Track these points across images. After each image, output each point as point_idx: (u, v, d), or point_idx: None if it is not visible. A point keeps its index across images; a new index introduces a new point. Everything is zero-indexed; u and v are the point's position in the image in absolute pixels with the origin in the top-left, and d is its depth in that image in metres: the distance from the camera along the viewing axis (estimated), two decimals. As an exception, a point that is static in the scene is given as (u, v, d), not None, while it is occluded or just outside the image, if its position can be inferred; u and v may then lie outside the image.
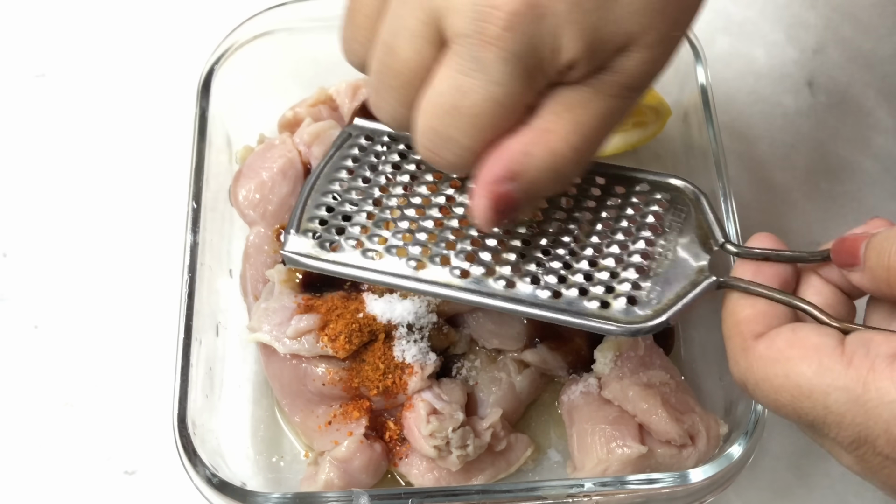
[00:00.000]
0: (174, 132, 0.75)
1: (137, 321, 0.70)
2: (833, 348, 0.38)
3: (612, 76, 0.41)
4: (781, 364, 0.39)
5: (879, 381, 0.36)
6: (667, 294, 0.45)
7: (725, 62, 0.81)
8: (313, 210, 0.49)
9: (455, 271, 0.47)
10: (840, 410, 0.37)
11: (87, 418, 0.67)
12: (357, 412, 0.59)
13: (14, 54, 0.83)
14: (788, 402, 0.39)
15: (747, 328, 0.41)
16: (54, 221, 0.75)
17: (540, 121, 0.41)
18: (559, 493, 0.54)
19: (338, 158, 0.51)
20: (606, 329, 0.45)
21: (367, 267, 0.47)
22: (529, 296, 0.45)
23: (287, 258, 0.48)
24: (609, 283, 0.45)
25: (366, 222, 0.48)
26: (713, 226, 0.46)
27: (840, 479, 0.65)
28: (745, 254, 0.43)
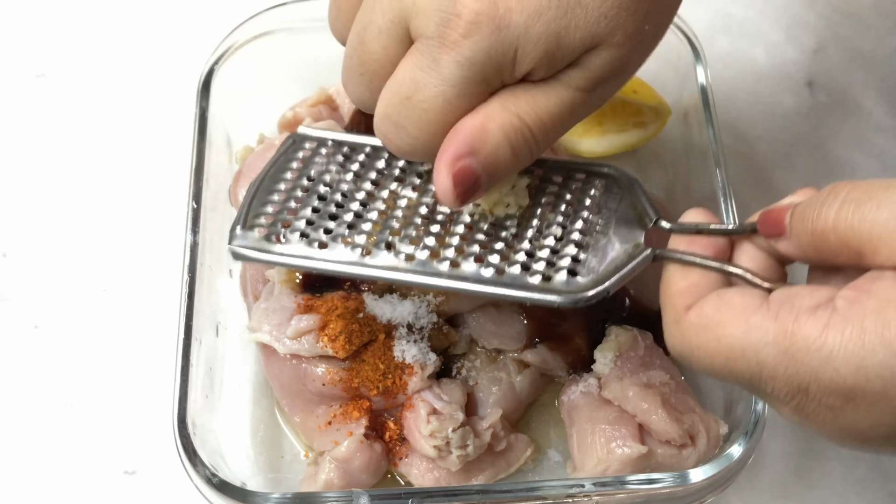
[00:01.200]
0: (174, 132, 0.75)
1: (137, 321, 0.70)
2: (758, 307, 0.39)
3: (581, 72, 0.43)
4: (712, 329, 0.40)
5: (804, 331, 0.37)
6: (606, 267, 0.46)
7: (725, 62, 0.82)
8: (259, 208, 0.50)
9: (400, 255, 0.48)
10: (772, 364, 0.38)
11: (87, 418, 0.67)
12: (357, 412, 0.59)
13: (14, 54, 0.83)
14: (724, 365, 0.39)
15: (680, 301, 0.42)
16: (54, 221, 0.75)
17: (498, 100, 0.43)
18: (559, 493, 0.54)
19: (283, 162, 0.53)
20: (549, 300, 0.46)
21: (312, 256, 0.49)
22: (474, 275, 0.47)
23: (234, 253, 0.49)
24: (550, 258, 0.47)
25: (311, 216, 0.50)
26: (647, 205, 0.48)
27: (840, 479, 0.65)
28: (678, 229, 0.45)
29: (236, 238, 0.49)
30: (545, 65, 0.42)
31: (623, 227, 0.48)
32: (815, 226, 0.38)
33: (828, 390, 0.37)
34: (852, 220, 0.37)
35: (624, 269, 0.46)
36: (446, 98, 0.42)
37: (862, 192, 0.37)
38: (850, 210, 0.37)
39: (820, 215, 0.38)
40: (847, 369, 0.35)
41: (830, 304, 0.37)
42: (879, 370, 0.35)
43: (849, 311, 0.36)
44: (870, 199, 0.37)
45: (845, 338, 0.36)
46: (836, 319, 0.36)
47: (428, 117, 0.43)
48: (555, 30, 0.41)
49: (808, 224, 0.39)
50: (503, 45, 0.41)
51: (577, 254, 0.47)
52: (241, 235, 0.49)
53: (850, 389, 0.36)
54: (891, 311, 0.35)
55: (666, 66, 0.70)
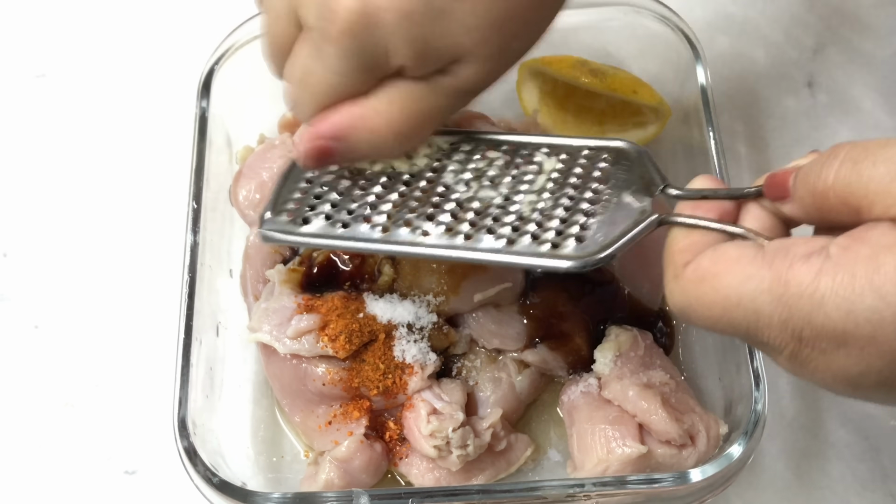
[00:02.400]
0: (174, 132, 0.75)
1: (138, 321, 0.70)
2: (753, 256, 0.39)
3: (449, 79, 0.47)
4: (708, 281, 0.40)
5: (798, 277, 0.37)
6: (612, 233, 0.47)
7: (725, 62, 0.81)
8: (286, 194, 0.53)
9: (417, 231, 0.50)
10: (768, 311, 0.38)
11: (88, 418, 0.67)
12: (357, 412, 0.59)
13: (14, 54, 0.83)
14: (722, 316, 0.40)
15: (679, 258, 0.43)
16: (54, 221, 0.75)
17: (375, 101, 0.47)
18: (559, 493, 0.54)
19: None
20: (557, 266, 0.47)
21: (335, 235, 0.51)
22: (487, 246, 0.49)
23: (265, 236, 0.52)
24: (559, 228, 0.48)
25: (335, 199, 0.52)
26: (654, 174, 0.49)
27: (840, 479, 0.65)
28: (685, 195, 0.46)
29: (266, 223, 0.52)
30: (417, 63, 0.46)
31: (631, 195, 0.49)
32: (815, 186, 0.39)
33: (820, 335, 0.37)
34: (850, 178, 0.38)
35: (630, 233, 0.47)
36: (331, 83, 0.47)
37: (860, 151, 0.38)
38: (848, 168, 0.38)
39: (820, 175, 0.39)
40: (838, 314, 0.36)
41: (824, 251, 0.37)
42: (868, 314, 0.35)
43: (841, 257, 0.37)
44: (867, 156, 0.38)
45: (836, 283, 0.36)
46: (829, 265, 0.37)
47: (319, 99, 0.48)
48: (422, 34, 0.45)
49: (809, 185, 0.40)
50: (376, 41, 0.45)
51: (585, 221, 0.48)
52: (271, 220, 0.52)
53: (841, 334, 0.36)
54: (882, 257, 0.35)
55: (666, 66, 0.70)
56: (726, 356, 0.60)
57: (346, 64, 0.46)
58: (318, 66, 0.47)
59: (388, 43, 0.45)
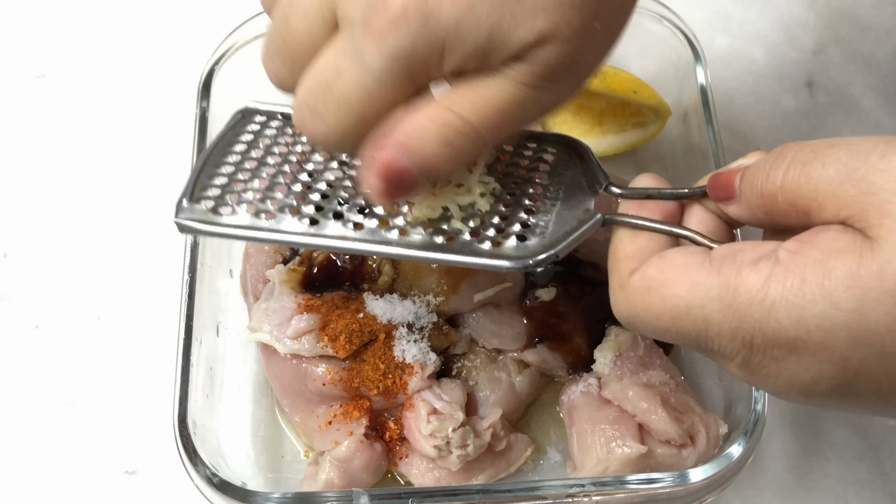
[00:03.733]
0: (174, 132, 0.75)
1: (138, 321, 0.70)
2: (701, 264, 0.38)
3: (526, 65, 0.40)
4: (655, 290, 0.39)
5: (747, 283, 0.36)
6: (556, 232, 0.46)
7: (725, 62, 0.82)
8: (206, 181, 0.49)
9: (349, 224, 0.47)
10: (717, 320, 0.37)
11: (88, 418, 0.67)
12: (357, 412, 0.59)
13: (14, 54, 0.83)
14: (670, 325, 0.39)
15: (625, 266, 0.42)
16: (54, 221, 0.75)
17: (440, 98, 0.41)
18: (559, 493, 0.54)
19: (231, 136, 0.52)
20: (499, 265, 0.46)
21: (260, 227, 0.47)
22: (424, 242, 0.46)
23: (180, 225, 0.48)
24: (500, 225, 0.47)
25: (260, 188, 0.49)
26: (597, 171, 0.48)
27: (840, 479, 0.65)
28: (628, 194, 0.45)
29: (183, 211, 0.48)
30: (476, 60, 0.40)
31: (574, 193, 0.48)
32: (763, 188, 0.38)
33: (771, 342, 0.36)
34: (798, 181, 0.37)
35: (574, 233, 0.46)
36: (367, 89, 0.40)
37: (808, 152, 0.37)
38: (796, 170, 0.37)
39: (768, 177, 0.38)
40: (788, 321, 0.35)
41: (773, 255, 0.37)
42: (819, 321, 0.35)
43: (791, 261, 0.36)
44: (815, 158, 0.37)
45: (786, 288, 0.35)
46: (778, 270, 0.36)
47: (346, 107, 0.41)
48: (487, 24, 0.39)
49: (756, 187, 0.39)
50: (430, 38, 0.39)
51: (527, 219, 0.47)
52: (188, 208, 0.48)
53: (793, 341, 0.36)
54: (832, 262, 0.35)
55: (666, 66, 0.70)
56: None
57: (389, 66, 0.39)
58: (354, 67, 0.39)
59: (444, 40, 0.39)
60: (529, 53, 0.40)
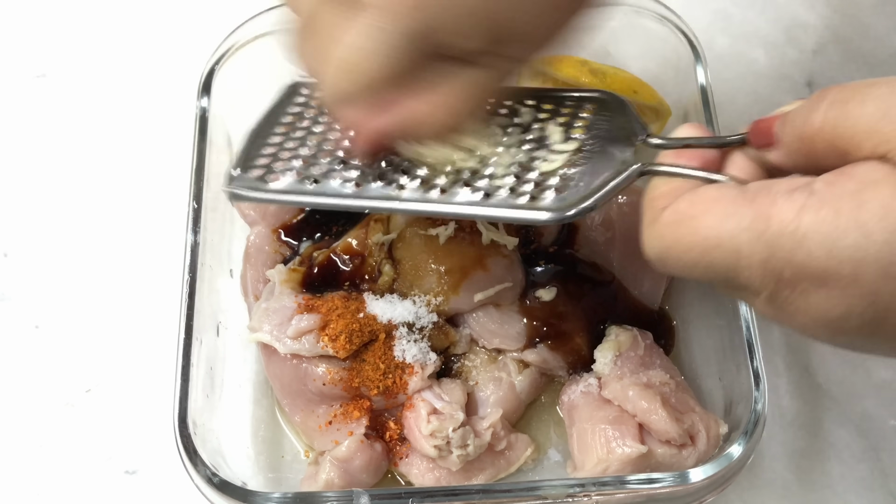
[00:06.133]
0: (175, 132, 0.75)
1: (138, 321, 0.70)
2: (734, 196, 0.38)
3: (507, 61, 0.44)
4: (686, 223, 0.39)
5: (780, 213, 0.36)
6: (593, 183, 0.46)
7: (725, 62, 0.81)
8: (253, 151, 0.51)
9: (392, 185, 0.48)
10: (748, 251, 0.37)
11: (88, 418, 0.67)
12: (357, 412, 0.59)
13: (14, 54, 0.83)
14: (700, 258, 0.39)
15: (658, 203, 0.41)
16: (54, 221, 0.75)
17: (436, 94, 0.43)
18: (559, 493, 0.54)
19: (279, 108, 0.54)
20: (535, 218, 0.46)
21: (305, 191, 0.49)
22: (464, 199, 0.47)
23: (230, 194, 0.50)
24: (538, 179, 0.47)
25: (306, 154, 0.50)
26: (635, 123, 0.48)
27: (840, 479, 0.65)
28: (667, 145, 0.45)
29: (233, 180, 0.50)
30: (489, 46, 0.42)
31: (612, 145, 0.48)
32: (803, 131, 0.38)
33: (800, 275, 0.36)
34: (837, 120, 0.37)
35: (610, 182, 0.45)
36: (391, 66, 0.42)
37: (849, 91, 0.37)
38: (836, 110, 0.37)
39: (807, 120, 0.38)
40: (820, 251, 0.35)
41: (808, 186, 0.36)
42: (851, 252, 0.34)
43: (826, 192, 0.35)
44: (854, 96, 0.36)
45: (819, 219, 0.35)
46: (813, 201, 0.35)
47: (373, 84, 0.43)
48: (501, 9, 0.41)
49: (796, 130, 0.38)
50: (451, 20, 0.41)
51: (565, 172, 0.47)
52: (238, 178, 0.50)
53: (823, 272, 0.35)
54: (867, 193, 0.34)
55: (666, 66, 0.70)
56: (726, 356, 0.60)
57: (408, 44, 0.41)
58: (373, 46, 0.41)
59: (461, 23, 0.41)
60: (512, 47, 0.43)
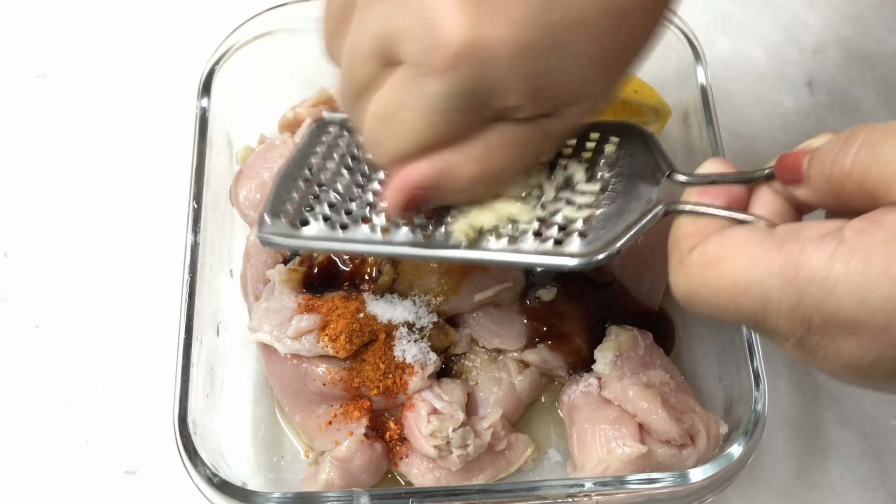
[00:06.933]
0: (175, 132, 0.75)
1: (138, 321, 0.70)
2: (762, 240, 0.38)
3: (557, 122, 0.43)
4: (715, 266, 0.39)
5: (811, 261, 0.36)
6: (618, 226, 0.46)
7: (725, 62, 0.82)
8: (284, 195, 0.52)
9: (418, 231, 0.49)
10: (777, 297, 0.37)
11: (88, 418, 0.67)
12: (357, 412, 0.59)
13: (14, 54, 0.83)
14: (729, 302, 0.39)
15: (685, 242, 0.41)
16: (54, 221, 0.75)
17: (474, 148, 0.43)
18: (559, 493, 0.54)
19: (307, 148, 0.54)
20: (561, 264, 0.46)
21: (335, 238, 0.50)
22: (490, 245, 0.48)
23: (263, 240, 0.51)
24: (562, 223, 0.47)
25: (333, 199, 0.51)
26: (660, 159, 0.48)
27: (840, 479, 0.65)
28: (692, 181, 0.44)
29: (265, 226, 0.51)
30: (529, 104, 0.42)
31: (636, 183, 0.47)
32: (832, 172, 0.38)
33: (830, 323, 0.36)
34: (867, 163, 0.36)
35: (636, 226, 0.45)
36: (426, 124, 0.42)
37: (879, 135, 0.36)
38: (866, 153, 0.36)
39: (836, 161, 0.37)
40: (850, 301, 0.35)
41: (838, 233, 0.36)
42: (883, 304, 0.34)
43: (857, 241, 0.35)
44: (886, 139, 0.36)
45: (850, 269, 0.35)
46: (843, 250, 0.35)
47: (406, 140, 0.43)
48: (537, 71, 0.40)
49: (825, 170, 0.38)
50: (490, 77, 0.40)
51: (588, 215, 0.47)
52: (270, 223, 0.51)
53: (853, 322, 0.35)
54: None
55: (666, 66, 0.70)
56: (726, 356, 0.60)
57: (448, 102, 0.41)
58: (414, 103, 0.41)
59: (500, 80, 0.40)
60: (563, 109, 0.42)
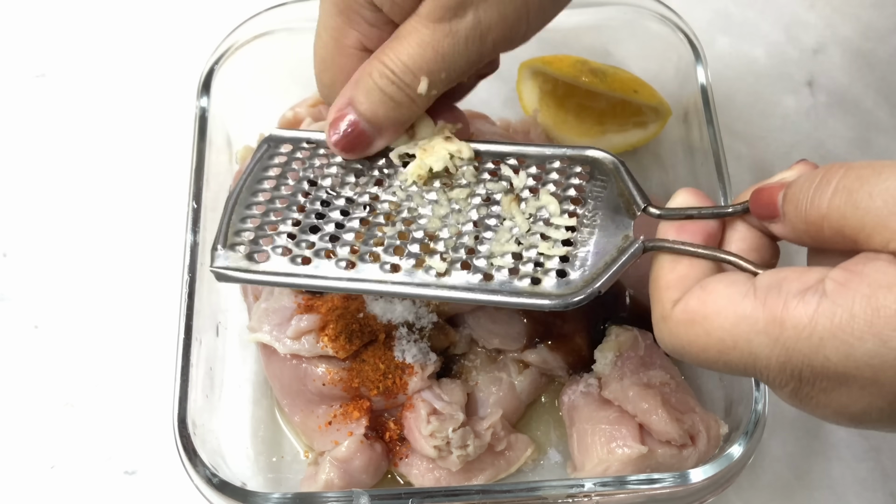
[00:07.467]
0: (174, 132, 0.75)
1: (138, 321, 0.70)
2: (745, 294, 0.38)
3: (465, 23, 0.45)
4: (699, 324, 0.39)
5: (794, 318, 0.36)
6: (596, 263, 0.45)
7: (725, 62, 0.81)
8: (238, 224, 0.49)
9: (385, 267, 0.47)
10: (765, 354, 0.37)
11: (88, 418, 0.67)
12: (357, 412, 0.59)
13: (14, 54, 0.83)
14: (718, 358, 0.39)
15: (666, 295, 0.41)
16: (54, 221, 0.75)
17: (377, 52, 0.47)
18: (559, 493, 0.54)
19: (259, 170, 0.52)
20: (540, 305, 0.45)
21: (297, 273, 0.47)
22: (462, 282, 0.46)
23: (217, 274, 0.48)
24: (537, 259, 0.46)
25: (292, 230, 0.49)
26: (634, 192, 0.47)
27: (840, 479, 0.65)
28: (667, 215, 0.44)
29: (218, 258, 0.48)
30: None
31: (611, 216, 0.47)
32: (808, 214, 0.38)
33: (820, 376, 0.36)
34: (845, 210, 0.36)
35: (614, 266, 0.45)
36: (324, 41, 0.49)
37: (854, 179, 0.36)
38: (842, 199, 0.36)
39: (812, 203, 0.38)
40: (837, 356, 0.35)
41: (820, 286, 0.36)
42: (868, 359, 0.35)
43: (838, 295, 0.35)
44: (862, 187, 0.36)
45: (834, 325, 0.35)
46: (826, 305, 0.35)
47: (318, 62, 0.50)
48: None
49: (801, 211, 0.38)
50: None
51: (565, 252, 0.46)
52: (223, 255, 0.48)
53: (842, 375, 0.36)
54: (880, 298, 0.34)
55: (666, 66, 0.70)
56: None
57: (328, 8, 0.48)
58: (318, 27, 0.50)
59: None
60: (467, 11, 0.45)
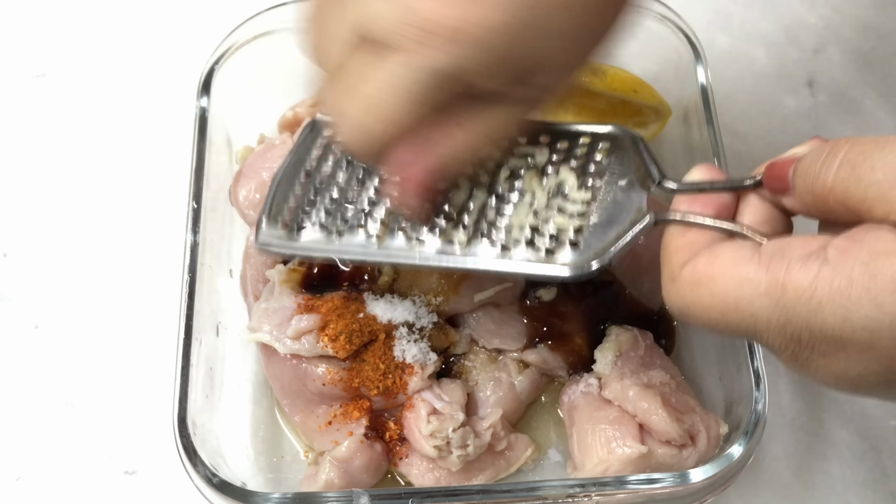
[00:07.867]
0: (174, 132, 0.75)
1: (138, 321, 0.70)
2: (749, 258, 0.39)
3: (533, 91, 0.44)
4: (704, 284, 0.40)
5: (795, 281, 0.37)
6: (608, 235, 0.47)
7: (725, 62, 0.81)
8: (282, 199, 0.52)
9: (413, 239, 0.50)
10: (765, 316, 0.38)
11: (88, 418, 0.67)
12: (357, 412, 0.59)
13: (14, 54, 0.83)
14: (719, 319, 0.40)
15: (675, 258, 0.42)
16: (54, 221, 0.75)
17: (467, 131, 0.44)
18: (559, 493, 0.54)
19: (302, 151, 0.55)
20: (553, 274, 0.47)
21: (332, 248, 0.51)
22: (483, 253, 0.49)
23: (260, 246, 0.52)
24: (554, 232, 0.48)
25: (329, 206, 0.52)
26: (650, 166, 0.48)
27: (840, 479, 0.65)
28: (682, 189, 0.45)
29: (262, 233, 0.52)
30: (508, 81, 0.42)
31: (627, 190, 0.48)
32: (814, 187, 0.39)
33: (818, 339, 0.37)
34: (848, 182, 0.37)
35: (625, 237, 0.46)
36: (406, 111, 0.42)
37: (858, 153, 0.38)
38: (846, 172, 0.38)
39: (819, 177, 0.39)
40: (835, 320, 0.36)
41: (822, 253, 0.37)
42: (865, 322, 0.36)
43: (839, 261, 0.36)
44: (864, 160, 0.37)
45: (833, 289, 0.36)
46: (826, 270, 0.36)
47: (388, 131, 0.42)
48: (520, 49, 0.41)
49: (808, 184, 0.39)
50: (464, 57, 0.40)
51: (580, 225, 0.48)
52: (267, 230, 0.51)
53: (839, 339, 0.37)
54: (878, 264, 0.35)
55: (666, 65, 0.70)
56: (726, 356, 0.60)
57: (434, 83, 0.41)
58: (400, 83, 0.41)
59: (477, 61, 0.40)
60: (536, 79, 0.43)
